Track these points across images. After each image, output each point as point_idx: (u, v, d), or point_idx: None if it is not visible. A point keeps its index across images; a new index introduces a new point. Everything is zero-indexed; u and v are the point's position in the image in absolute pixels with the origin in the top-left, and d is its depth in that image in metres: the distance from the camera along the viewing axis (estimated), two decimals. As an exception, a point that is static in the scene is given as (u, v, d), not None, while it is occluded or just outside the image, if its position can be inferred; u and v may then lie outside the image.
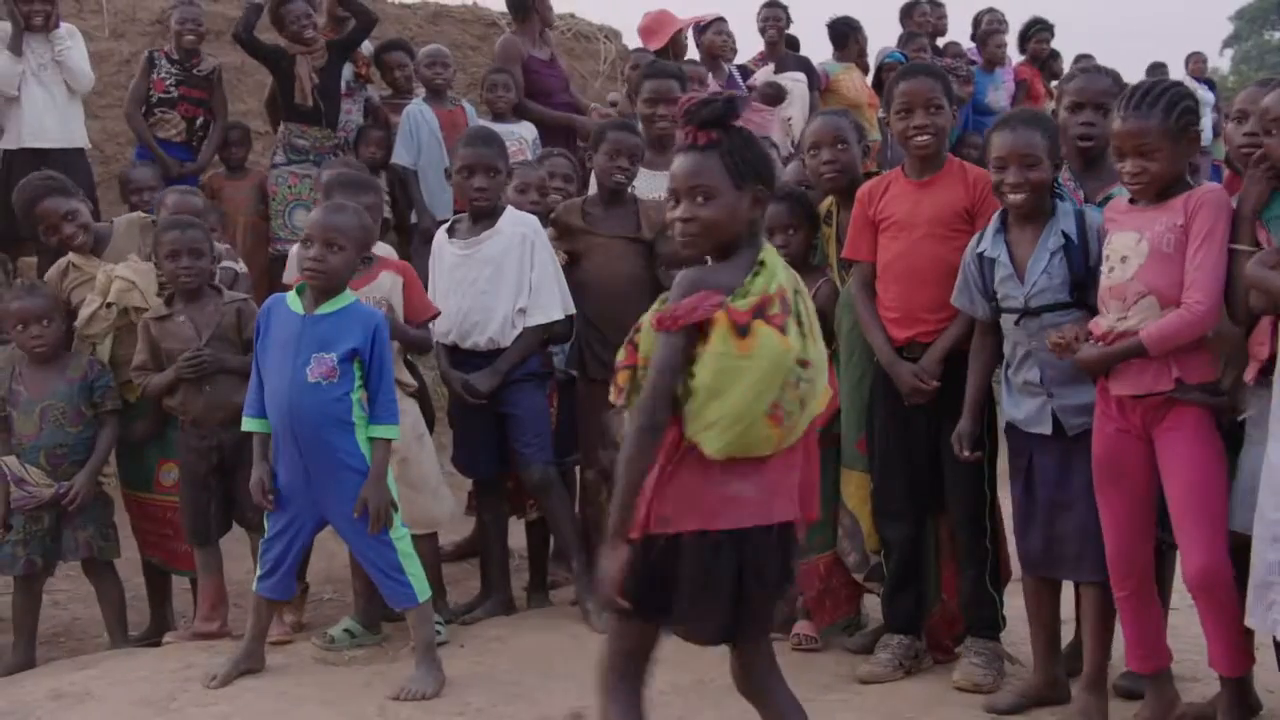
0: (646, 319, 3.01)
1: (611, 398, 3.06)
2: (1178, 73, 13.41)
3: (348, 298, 4.57)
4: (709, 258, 3.05)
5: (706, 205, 2.99)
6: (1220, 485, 3.70)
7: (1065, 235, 4.01)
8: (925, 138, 4.39)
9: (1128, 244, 3.75)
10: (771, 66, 9.19)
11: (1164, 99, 3.66)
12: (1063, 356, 3.89)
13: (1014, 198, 4.04)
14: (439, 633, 4.92)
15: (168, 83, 7.63)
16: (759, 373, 2.89)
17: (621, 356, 3.06)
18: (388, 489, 4.52)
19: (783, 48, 9.55)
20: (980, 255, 4.16)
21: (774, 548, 3.00)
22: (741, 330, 2.89)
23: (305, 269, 4.50)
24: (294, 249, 5.71)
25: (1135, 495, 3.81)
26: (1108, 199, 4.13)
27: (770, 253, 3.03)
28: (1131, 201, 3.84)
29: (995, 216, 4.19)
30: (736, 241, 3.03)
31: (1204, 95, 12.17)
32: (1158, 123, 3.65)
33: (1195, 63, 13.86)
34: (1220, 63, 41.34)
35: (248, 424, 4.59)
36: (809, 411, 3.00)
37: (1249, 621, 3.55)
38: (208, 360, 5.04)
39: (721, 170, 3.00)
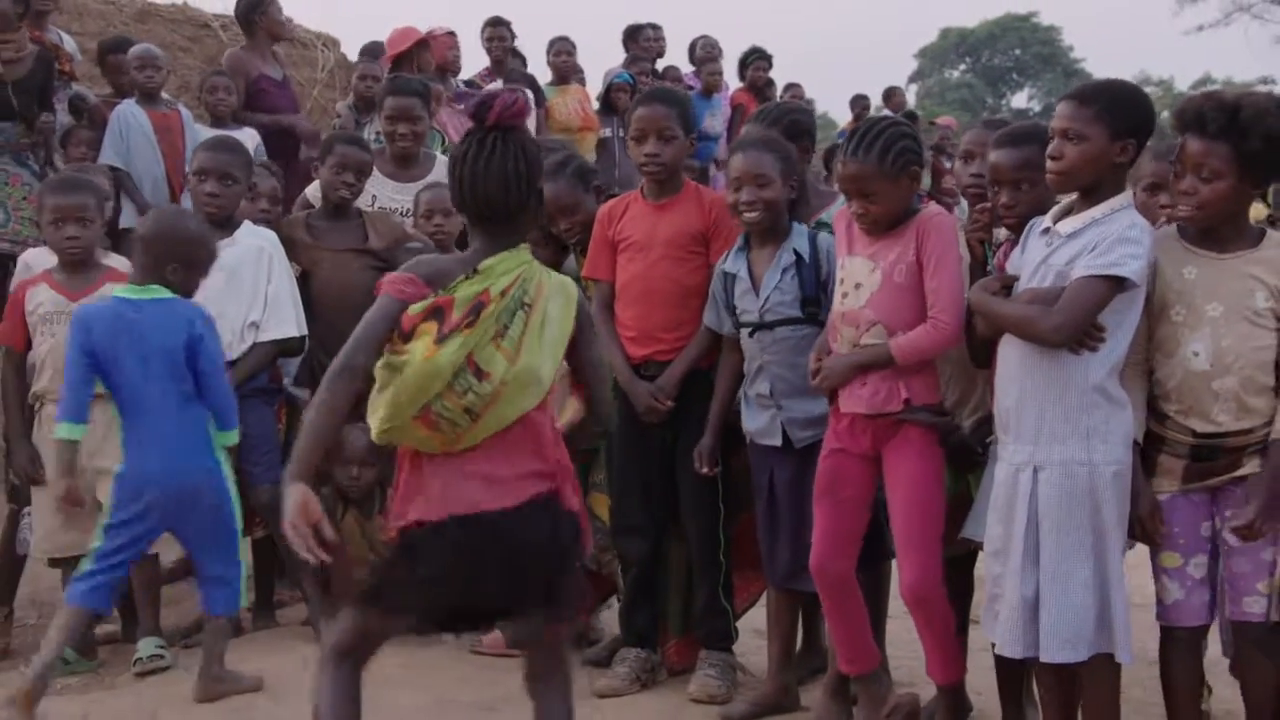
0: None
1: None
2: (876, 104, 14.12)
3: None
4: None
5: None
6: (936, 504, 3.88)
7: (798, 253, 4.18)
8: (654, 166, 4.49)
9: (861, 272, 3.91)
10: (500, 83, 9.21)
11: (880, 141, 3.80)
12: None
13: (748, 215, 4.19)
14: (162, 657, 4.74)
15: None
16: (404, 379, 3.00)
17: None
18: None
19: (509, 64, 9.60)
20: (724, 272, 4.30)
21: (512, 530, 3.01)
22: (405, 336, 3.03)
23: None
24: (22, 259, 5.45)
25: (843, 511, 3.97)
26: (819, 224, 4.33)
27: (502, 260, 3.09)
28: None
29: (740, 237, 4.33)
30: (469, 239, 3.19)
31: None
32: (874, 166, 3.79)
33: (896, 97, 14.59)
34: (907, 96, 43.70)
35: None
36: (489, 421, 3.03)
37: (984, 632, 3.73)
38: None
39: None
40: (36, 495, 4.90)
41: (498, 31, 9.70)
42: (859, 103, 13.35)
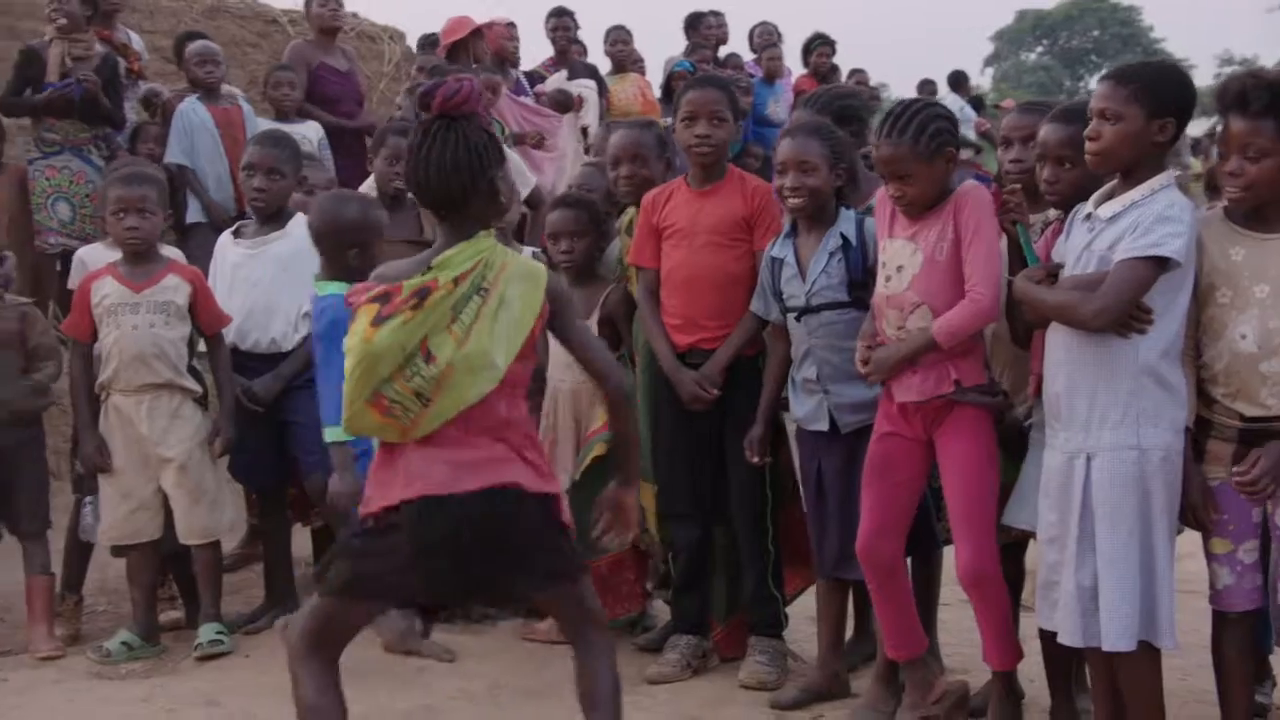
0: None
1: None
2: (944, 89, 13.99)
3: None
4: None
5: None
6: (991, 486, 3.87)
7: (844, 237, 4.18)
8: (706, 148, 4.49)
9: (903, 254, 3.90)
10: (564, 73, 9.24)
11: (914, 124, 3.79)
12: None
13: (792, 201, 4.21)
14: (222, 643, 4.83)
15: None
16: (350, 361, 3.04)
17: None
18: None
19: (573, 54, 9.63)
20: (772, 258, 4.30)
21: (477, 513, 3.01)
22: (352, 318, 3.07)
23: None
24: (77, 256, 5.54)
25: (895, 494, 3.96)
26: (869, 209, 4.30)
27: (459, 250, 3.07)
28: None
29: (787, 223, 4.33)
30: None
31: (967, 113, 12.68)
32: (908, 148, 3.78)
33: (963, 83, 14.43)
34: (982, 80, 43.31)
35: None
36: (442, 405, 3.02)
37: (1039, 621, 3.70)
38: None
39: None
40: (103, 483, 5.00)
41: (562, 21, 9.73)
42: (925, 88, 13.26)
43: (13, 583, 5.22)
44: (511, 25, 8.85)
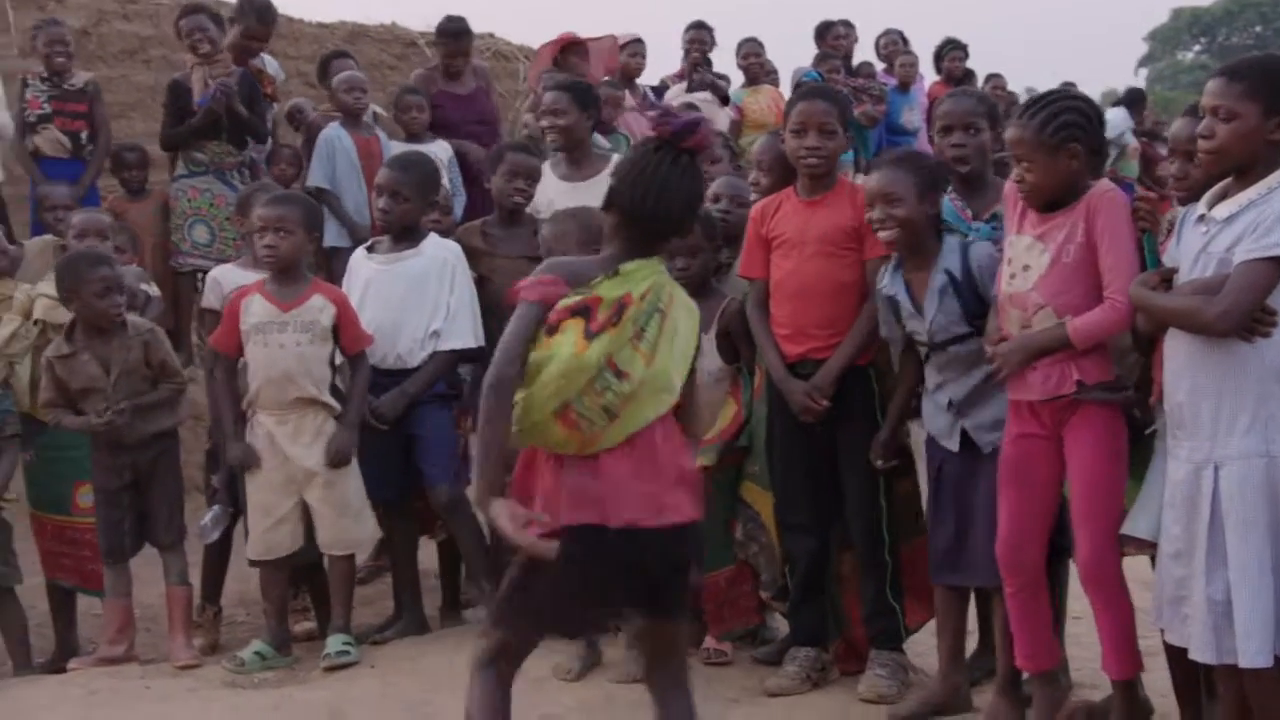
0: None
1: None
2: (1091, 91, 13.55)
3: None
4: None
5: None
6: (1117, 485, 3.78)
7: (949, 273, 4.11)
8: (815, 160, 4.45)
9: (1031, 253, 3.82)
10: (684, 85, 9.24)
11: (1044, 111, 3.71)
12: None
13: (883, 234, 4.16)
14: (349, 653, 4.92)
15: (41, 100, 7.55)
16: (550, 373, 3.03)
17: None
18: None
19: (704, 69, 9.63)
20: (886, 296, 4.25)
21: (667, 547, 3.07)
22: (550, 329, 3.06)
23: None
24: (211, 275, 5.70)
25: (1034, 495, 3.88)
26: (994, 216, 4.23)
27: (640, 266, 3.12)
28: None
29: (894, 255, 4.27)
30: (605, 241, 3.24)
31: (1127, 138, 12.20)
32: (1032, 134, 3.71)
33: (1139, 104, 13.75)
34: (1136, 81, 42.16)
35: None
36: (625, 422, 3.06)
37: (1167, 637, 3.60)
38: (122, 423, 5.09)
39: None
40: (249, 497, 5.09)
41: (699, 35, 9.74)
42: (1064, 90, 12.91)
43: (154, 595, 5.41)
44: (638, 41, 8.88)
